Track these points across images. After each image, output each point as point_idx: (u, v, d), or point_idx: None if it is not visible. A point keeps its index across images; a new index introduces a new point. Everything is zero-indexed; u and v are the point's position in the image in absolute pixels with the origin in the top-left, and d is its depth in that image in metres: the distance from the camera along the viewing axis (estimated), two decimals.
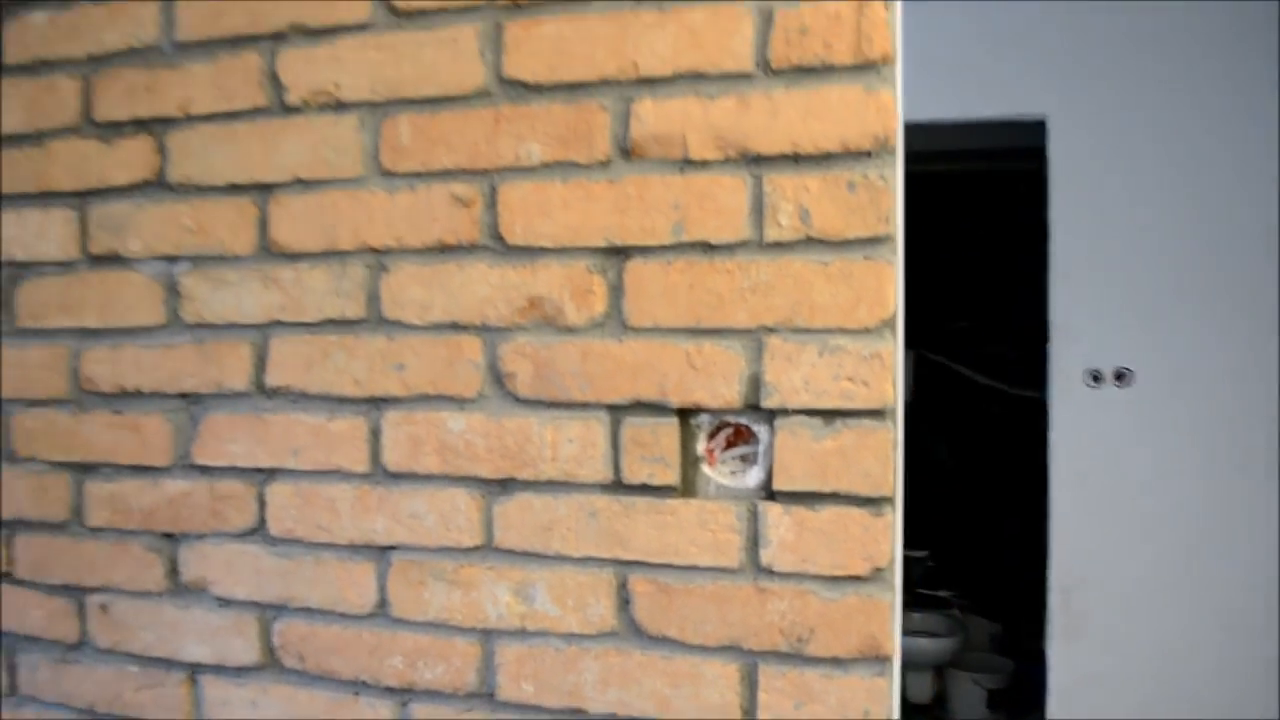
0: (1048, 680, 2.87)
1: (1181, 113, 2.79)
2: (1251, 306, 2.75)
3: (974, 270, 4.70)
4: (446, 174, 1.16)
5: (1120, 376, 2.85)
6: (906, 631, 4.06)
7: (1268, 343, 2.74)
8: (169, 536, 1.31)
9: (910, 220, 1.20)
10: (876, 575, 1.03)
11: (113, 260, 1.32)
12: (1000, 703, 3.86)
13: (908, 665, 4.08)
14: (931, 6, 2.87)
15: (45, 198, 1.35)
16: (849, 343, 1.03)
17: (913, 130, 1.23)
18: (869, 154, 1.02)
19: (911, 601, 4.22)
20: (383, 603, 1.22)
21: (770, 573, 1.07)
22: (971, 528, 4.55)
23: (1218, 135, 2.76)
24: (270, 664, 1.28)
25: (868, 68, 1.02)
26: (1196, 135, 2.78)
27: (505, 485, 1.16)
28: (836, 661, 1.05)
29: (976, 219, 4.64)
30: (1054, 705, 2.86)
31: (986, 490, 4.60)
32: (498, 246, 1.14)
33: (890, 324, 1.03)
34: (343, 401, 1.22)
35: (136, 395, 1.32)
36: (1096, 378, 2.87)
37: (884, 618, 1.03)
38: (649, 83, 1.08)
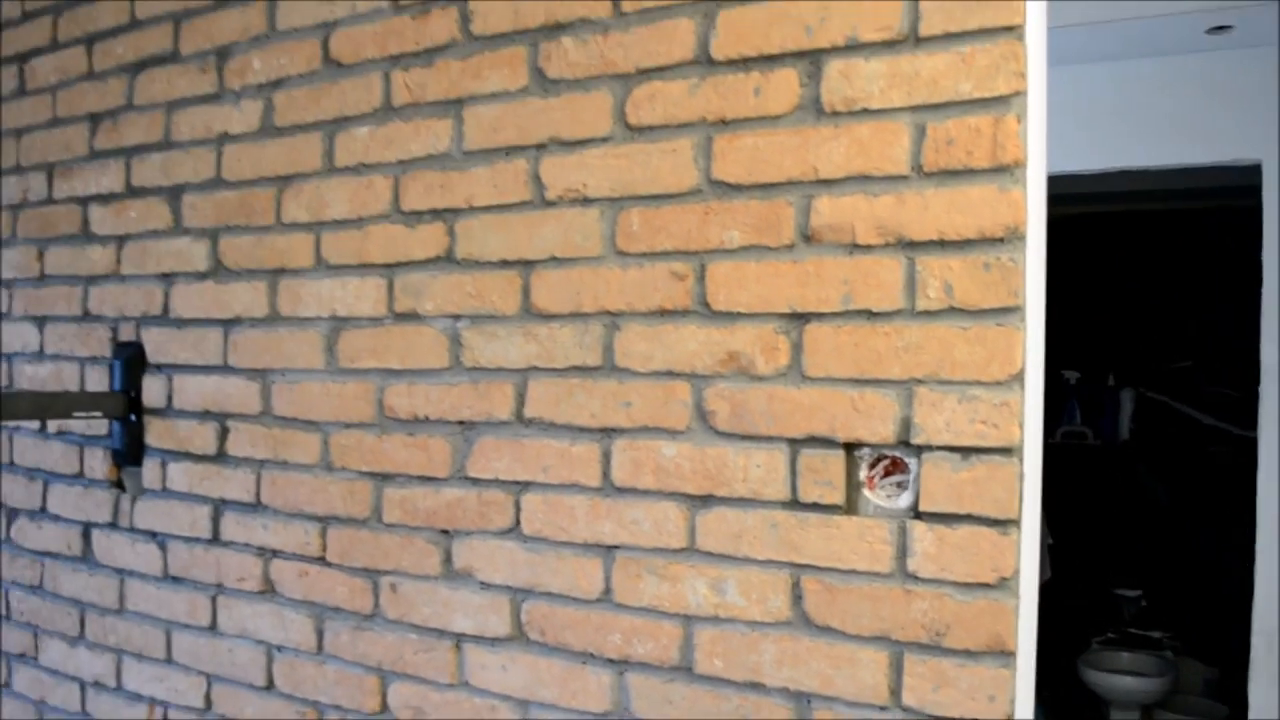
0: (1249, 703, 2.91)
1: None
2: None
3: (1197, 309, 4.69)
4: (666, 254, 1.51)
5: None
6: (1115, 670, 4.12)
7: None
8: (445, 532, 1.72)
9: (1131, 260, 1.43)
10: (1002, 584, 1.29)
11: (411, 317, 1.75)
12: None
13: (1114, 703, 4.12)
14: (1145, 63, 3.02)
15: (363, 268, 1.80)
16: (983, 393, 1.31)
17: (1131, 175, 1.46)
18: (1001, 240, 1.30)
19: (1122, 640, 4.25)
20: (607, 591, 1.57)
21: (915, 578, 1.34)
22: (1190, 569, 4.51)
23: None
24: (518, 636, 1.65)
25: (1002, 170, 1.30)
26: None
27: (705, 500, 1.49)
28: (968, 653, 1.31)
29: (1201, 257, 4.65)
30: None
31: (1206, 531, 4.55)
32: (704, 311, 1.49)
33: (1019, 378, 1.30)
34: (582, 430, 1.59)
35: (425, 421, 1.74)
36: None
37: (1009, 619, 1.29)
38: (826, 183, 1.40)
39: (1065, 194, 2.56)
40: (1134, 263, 4.91)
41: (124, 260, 2.16)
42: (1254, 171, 2.96)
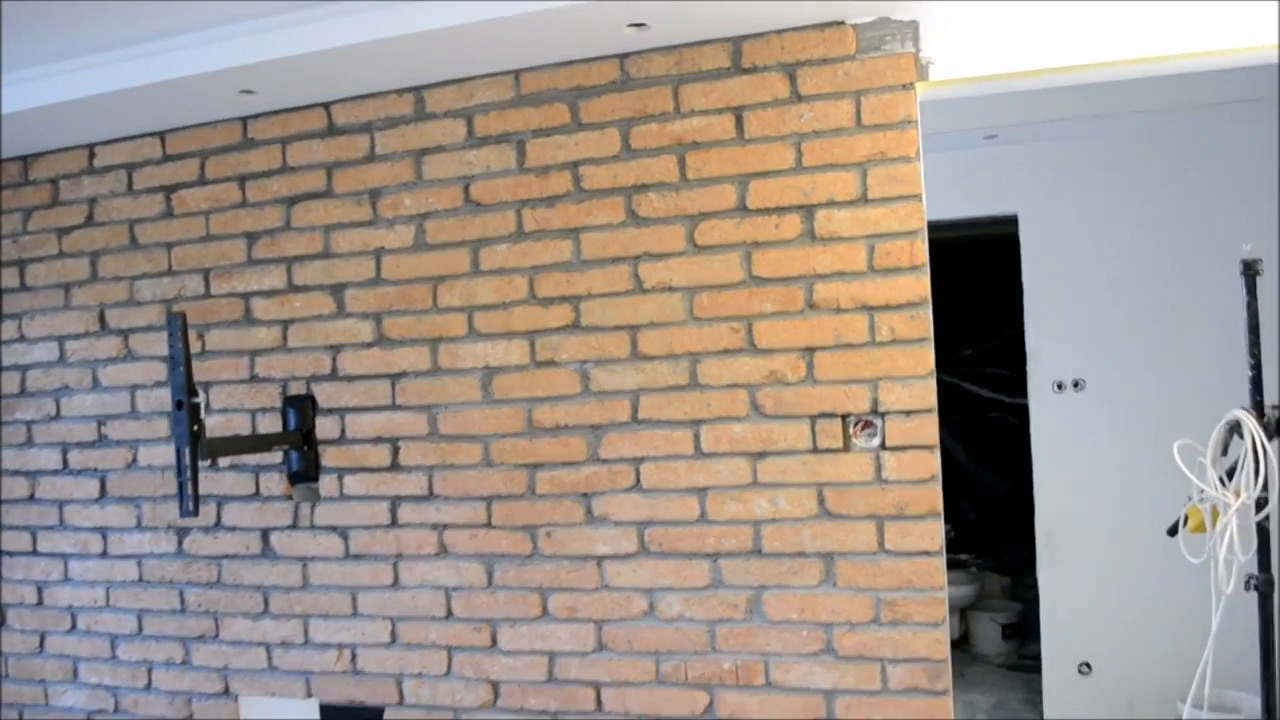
0: (1040, 595, 4.60)
1: (1119, 206, 4.55)
2: (1160, 330, 4.49)
3: (976, 311, 6.50)
4: (726, 318, 2.85)
5: (1076, 384, 4.59)
6: None
7: (1175, 354, 4.47)
8: (585, 495, 2.99)
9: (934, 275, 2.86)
10: (933, 479, 2.72)
11: (550, 364, 3.00)
12: (1011, 635, 5.65)
13: None
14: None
15: (509, 334, 3.03)
16: (915, 382, 2.73)
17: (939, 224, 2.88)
18: (917, 303, 2.72)
19: None
20: (702, 514, 2.89)
21: (886, 481, 2.75)
22: (984, 506, 6.31)
23: (1139, 225, 4.52)
24: (643, 551, 2.94)
25: (917, 268, 2.73)
26: (1123, 224, 4.55)
27: (762, 454, 2.84)
28: (919, 517, 2.73)
29: (979, 271, 6.45)
30: (1044, 614, 4.59)
31: (993, 476, 6.39)
32: (753, 349, 2.83)
33: (931, 374, 2.72)
34: (679, 423, 2.90)
35: (565, 428, 2.99)
36: (1060, 386, 4.61)
37: (938, 496, 2.72)
38: (821, 276, 2.79)
39: None
40: (933, 278, 6.65)
41: (290, 337, 3.26)
42: (1014, 219, 4.67)
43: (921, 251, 2.73)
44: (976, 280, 6.25)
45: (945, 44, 2.75)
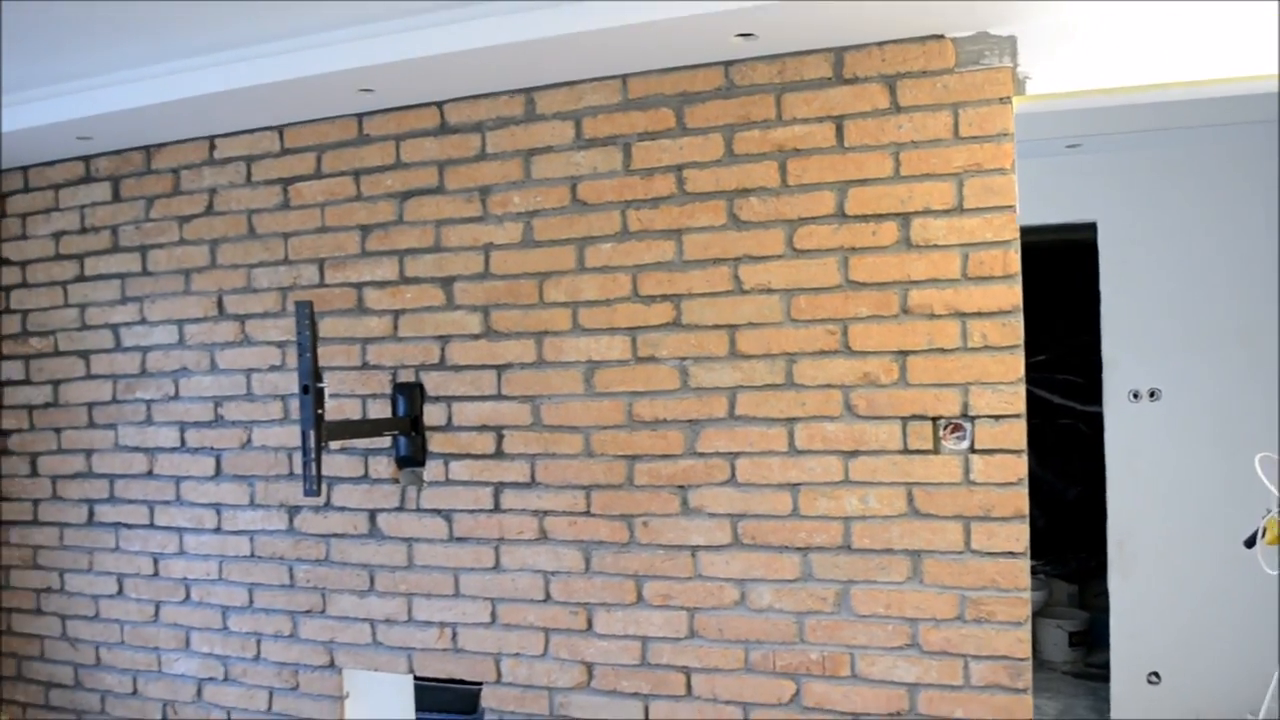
0: (1110, 604, 4.68)
1: (1198, 217, 4.61)
2: (1237, 343, 4.55)
3: (1049, 316, 6.54)
4: (822, 320, 3.00)
5: (1152, 394, 4.66)
6: None
7: (1251, 366, 4.53)
8: (681, 487, 3.15)
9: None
10: (1020, 482, 2.85)
11: (650, 360, 3.17)
12: (1078, 642, 5.70)
13: None
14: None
15: (611, 330, 3.20)
16: (1005, 388, 2.85)
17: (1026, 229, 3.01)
18: (1010, 311, 2.84)
19: None
20: (795, 509, 3.05)
21: (974, 483, 2.88)
22: (1054, 513, 6.37)
23: (1218, 237, 4.58)
24: (735, 543, 3.11)
25: (1009, 277, 2.85)
26: (1202, 236, 4.60)
27: (853, 453, 2.98)
28: (1004, 519, 2.86)
29: (1053, 277, 6.51)
30: (1114, 623, 4.67)
31: (1064, 482, 6.44)
32: (847, 351, 2.98)
33: (1021, 380, 2.84)
34: (774, 420, 3.05)
35: (664, 422, 3.16)
36: (1135, 395, 4.68)
37: (1024, 499, 2.85)
38: (915, 282, 2.92)
39: None
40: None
41: (400, 327, 3.46)
42: (1093, 226, 4.73)
43: (1014, 261, 2.84)
44: (1050, 286, 6.30)
45: (1042, 59, 2.86)
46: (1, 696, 4.34)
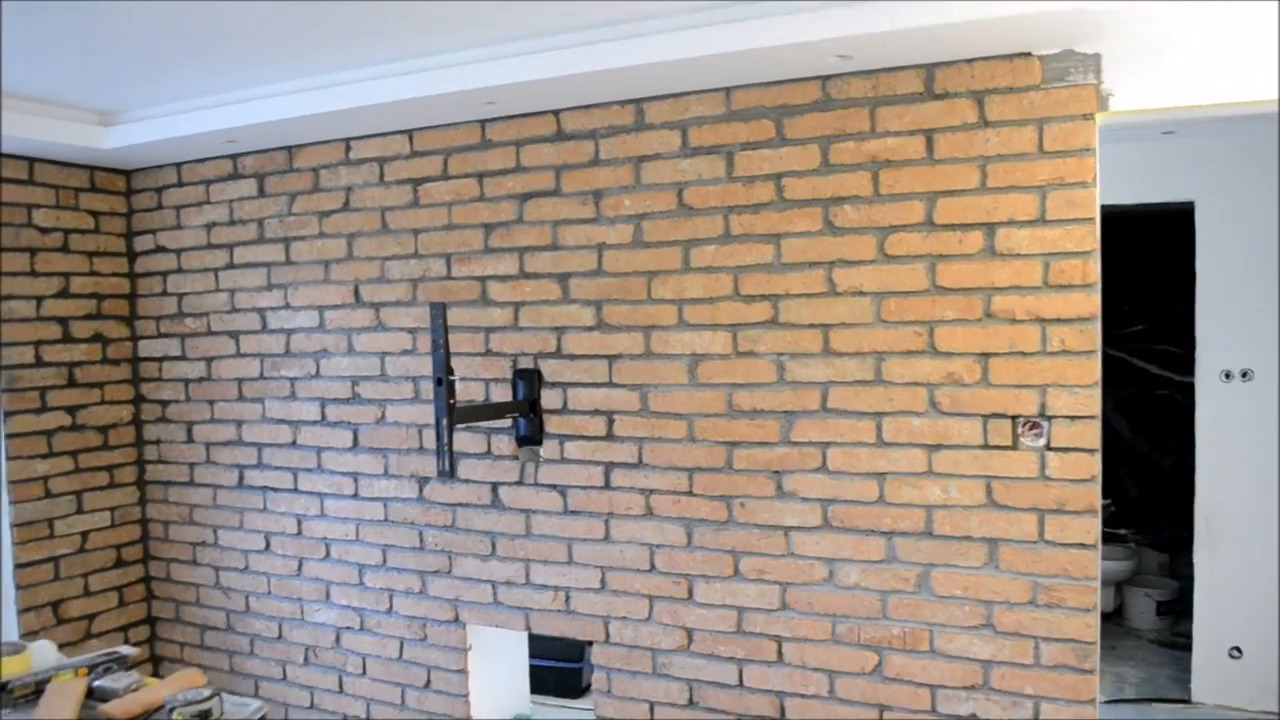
0: (1195, 577, 4.88)
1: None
2: None
3: (1149, 286, 6.65)
4: (910, 322, 3.26)
5: (1245, 375, 4.80)
6: None
7: None
8: (776, 472, 3.47)
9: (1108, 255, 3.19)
10: (1092, 479, 3.10)
11: (749, 354, 3.47)
12: (1166, 612, 5.90)
13: None
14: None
15: (714, 326, 3.51)
16: (1081, 391, 3.09)
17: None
18: (1088, 319, 3.08)
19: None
20: (880, 496, 3.34)
21: (1049, 478, 3.14)
22: (1145, 482, 6.53)
23: None
24: (826, 525, 3.42)
25: (1089, 285, 3.08)
26: None
27: (937, 447, 3.26)
28: (1077, 513, 3.12)
29: (1153, 246, 6.60)
30: (1198, 597, 4.87)
31: (1156, 453, 6.59)
32: (933, 352, 3.24)
33: (1096, 384, 3.08)
34: (863, 414, 3.34)
35: (761, 412, 3.47)
36: (1228, 375, 4.83)
37: (1096, 496, 3.10)
38: (999, 289, 3.16)
39: None
40: (1107, 252, 6.82)
41: (520, 318, 3.83)
42: (1191, 205, 4.87)
43: (1094, 271, 3.07)
44: (1149, 255, 6.40)
45: (1126, 76, 3.05)
46: (160, 636, 4.90)
